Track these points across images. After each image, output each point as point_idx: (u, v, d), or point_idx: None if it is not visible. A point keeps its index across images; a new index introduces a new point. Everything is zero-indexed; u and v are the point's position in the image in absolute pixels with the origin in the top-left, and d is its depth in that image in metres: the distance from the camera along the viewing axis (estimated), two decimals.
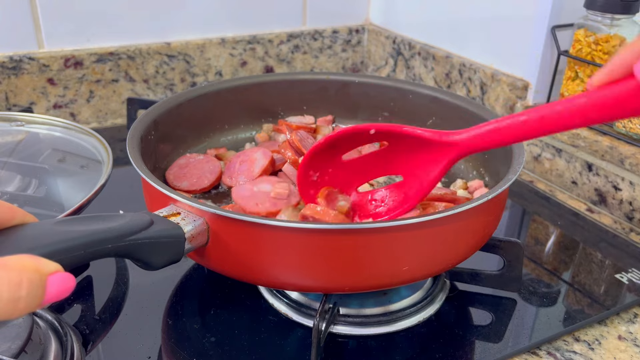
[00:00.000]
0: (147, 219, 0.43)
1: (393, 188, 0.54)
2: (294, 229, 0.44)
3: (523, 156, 0.54)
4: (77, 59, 0.90)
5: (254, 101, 0.75)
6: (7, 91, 0.88)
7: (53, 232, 0.36)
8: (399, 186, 0.54)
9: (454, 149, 0.48)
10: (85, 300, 0.56)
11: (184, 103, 0.68)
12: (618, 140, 0.74)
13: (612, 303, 0.58)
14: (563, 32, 0.80)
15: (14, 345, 0.43)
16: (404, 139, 0.50)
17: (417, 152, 0.50)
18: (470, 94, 0.93)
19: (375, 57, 1.12)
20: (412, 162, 0.51)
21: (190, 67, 0.99)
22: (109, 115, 0.96)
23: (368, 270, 0.46)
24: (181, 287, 0.58)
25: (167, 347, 0.51)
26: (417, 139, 0.50)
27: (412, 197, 0.52)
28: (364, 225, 0.45)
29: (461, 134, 0.48)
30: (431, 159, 0.50)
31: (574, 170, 0.78)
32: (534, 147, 0.83)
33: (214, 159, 0.68)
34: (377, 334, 0.53)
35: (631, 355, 0.53)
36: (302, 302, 0.54)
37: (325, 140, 0.52)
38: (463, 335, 0.53)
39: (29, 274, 0.28)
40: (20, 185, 0.62)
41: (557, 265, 0.65)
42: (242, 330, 0.53)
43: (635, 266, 0.64)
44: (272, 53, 1.04)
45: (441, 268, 0.51)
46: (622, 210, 0.73)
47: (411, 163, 0.52)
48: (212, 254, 0.48)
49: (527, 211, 0.76)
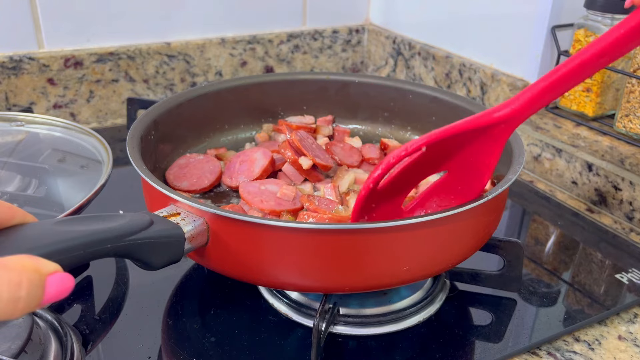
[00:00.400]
0: (147, 219, 0.43)
1: (439, 188, 0.50)
2: (294, 229, 0.44)
3: (523, 156, 0.54)
4: (77, 59, 0.90)
5: (254, 101, 0.75)
6: (7, 91, 0.88)
7: (53, 232, 0.36)
8: (445, 184, 0.49)
9: (510, 123, 0.45)
10: (85, 300, 0.56)
11: (184, 103, 0.68)
12: (618, 140, 0.74)
13: (612, 303, 0.58)
14: (563, 32, 0.80)
15: (14, 345, 0.43)
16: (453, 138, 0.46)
17: (470, 141, 0.46)
18: (471, 94, 0.93)
19: (375, 57, 1.12)
20: (464, 153, 0.47)
21: (190, 67, 0.99)
22: (109, 115, 0.96)
23: (368, 270, 0.46)
24: (181, 287, 0.58)
25: (167, 347, 0.51)
26: (472, 132, 0.45)
27: (472, 189, 0.48)
28: (364, 226, 0.45)
29: (511, 104, 0.44)
30: (486, 143, 0.46)
31: (574, 170, 0.78)
32: (534, 147, 0.83)
33: (214, 159, 0.68)
34: (377, 334, 0.53)
35: (631, 355, 0.53)
36: (302, 302, 0.54)
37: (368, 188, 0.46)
38: (463, 335, 0.53)
39: (28, 274, 0.28)
40: (20, 185, 0.62)
41: (557, 265, 0.65)
42: (242, 330, 0.53)
43: (635, 266, 0.64)
44: (272, 53, 1.04)
45: (441, 268, 0.51)
46: (622, 210, 0.73)
47: (464, 154, 0.47)
48: (212, 254, 0.48)
49: (527, 211, 0.76)
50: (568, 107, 0.80)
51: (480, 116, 0.45)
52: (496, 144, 0.46)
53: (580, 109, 0.79)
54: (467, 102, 0.69)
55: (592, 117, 0.78)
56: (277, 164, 0.66)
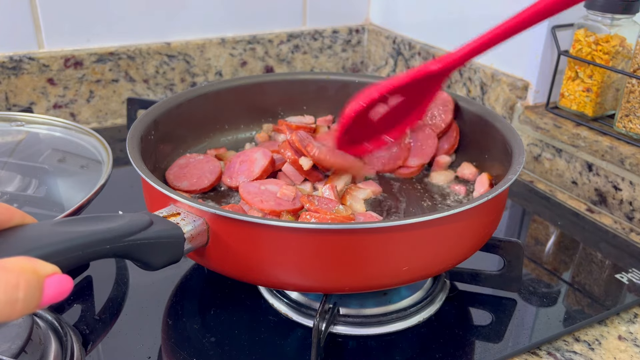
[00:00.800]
0: (147, 219, 0.42)
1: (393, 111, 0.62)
2: (294, 229, 0.44)
3: (523, 156, 0.54)
4: (77, 59, 0.90)
5: (254, 101, 0.75)
6: (7, 91, 0.88)
7: (52, 233, 0.36)
8: (397, 108, 0.61)
9: (444, 73, 0.58)
10: (85, 300, 0.56)
11: (184, 103, 0.68)
12: (618, 140, 0.74)
13: (612, 303, 0.58)
14: (563, 32, 0.80)
15: (14, 345, 0.43)
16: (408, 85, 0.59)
17: (417, 86, 0.59)
18: (471, 93, 0.93)
19: (375, 57, 1.12)
20: (418, 91, 0.60)
21: (190, 67, 0.99)
22: (109, 115, 0.96)
23: (368, 270, 0.46)
24: (181, 287, 0.58)
25: (167, 347, 0.51)
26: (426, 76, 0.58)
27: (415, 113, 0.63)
28: (364, 225, 0.45)
29: (450, 56, 0.57)
30: (432, 83, 0.59)
31: (574, 170, 0.78)
32: (534, 147, 0.83)
33: (214, 159, 0.68)
34: (377, 334, 0.53)
35: (631, 355, 0.53)
36: (302, 302, 0.54)
37: (357, 110, 0.60)
38: (463, 335, 0.53)
39: (26, 276, 0.28)
40: (20, 185, 0.62)
41: (557, 265, 0.65)
42: (242, 330, 0.53)
43: (635, 266, 0.64)
44: (272, 53, 1.04)
45: (441, 268, 0.51)
46: (622, 210, 0.73)
47: (412, 93, 0.60)
48: (212, 254, 0.48)
49: (527, 211, 0.76)
50: (568, 107, 0.80)
51: (420, 69, 0.59)
52: (435, 87, 0.60)
53: (580, 109, 0.79)
54: (467, 102, 0.69)
55: (592, 117, 0.78)
56: (277, 164, 0.66)
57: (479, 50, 0.56)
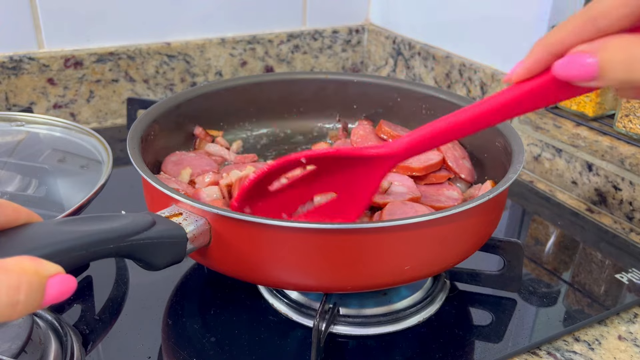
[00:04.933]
0: (149, 219, 0.42)
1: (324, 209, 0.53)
2: (296, 228, 0.44)
3: (523, 156, 0.54)
4: (77, 59, 0.90)
5: (254, 101, 0.75)
6: (7, 91, 0.88)
7: (55, 232, 0.36)
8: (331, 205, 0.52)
9: (391, 160, 0.48)
10: (85, 300, 0.56)
11: (184, 103, 0.68)
12: (618, 140, 0.74)
13: (612, 303, 0.58)
14: None
15: (14, 345, 0.43)
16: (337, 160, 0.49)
17: (352, 168, 0.50)
18: (471, 94, 0.93)
19: (375, 57, 1.12)
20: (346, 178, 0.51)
21: (190, 67, 0.99)
22: (109, 115, 0.96)
23: (368, 270, 0.46)
24: (181, 287, 0.58)
25: (167, 347, 0.51)
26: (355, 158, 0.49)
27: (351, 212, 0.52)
28: (365, 225, 0.45)
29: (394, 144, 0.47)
30: (368, 172, 0.49)
31: (574, 170, 0.78)
32: (534, 147, 0.83)
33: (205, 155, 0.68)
34: (377, 334, 0.53)
35: (631, 355, 0.53)
36: (302, 302, 0.54)
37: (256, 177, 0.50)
38: (463, 335, 0.53)
39: (28, 277, 0.27)
40: (20, 185, 0.62)
41: (557, 265, 0.65)
42: (242, 330, 0.53)
43: (635, 266, 0.64)
44: (272, 53, 1.04)
45: (441, 268, 0.51)
46: (622, 210, 0.73)
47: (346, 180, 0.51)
48: (214, 254, 0.48)
49: (527, 211, 0.76)
50: (568, 107, 0.80)
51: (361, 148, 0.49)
52: (375, 176, 0.49)
53: (580, 109, 0.79)
54: (467, 102, 0.69)
55: (592, 117, 0.78)
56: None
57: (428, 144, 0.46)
